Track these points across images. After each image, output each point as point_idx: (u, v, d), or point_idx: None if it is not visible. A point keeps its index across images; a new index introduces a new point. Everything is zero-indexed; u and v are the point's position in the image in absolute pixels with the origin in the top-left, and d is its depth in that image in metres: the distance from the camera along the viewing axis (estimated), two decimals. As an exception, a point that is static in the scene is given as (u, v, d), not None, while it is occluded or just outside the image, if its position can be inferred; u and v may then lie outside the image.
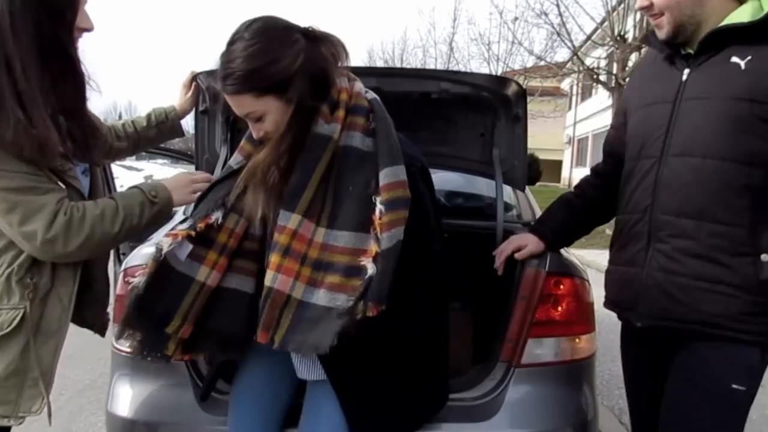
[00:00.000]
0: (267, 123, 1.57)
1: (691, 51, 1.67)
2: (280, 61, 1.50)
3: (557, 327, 2.20)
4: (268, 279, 1.52)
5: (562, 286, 2.17)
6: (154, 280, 1.59)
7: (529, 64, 16.92)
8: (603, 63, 14.53)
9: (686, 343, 1.68)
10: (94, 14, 1.68)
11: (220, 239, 1.64)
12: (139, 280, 1.58)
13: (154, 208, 1.69)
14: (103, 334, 1.93)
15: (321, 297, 1.51)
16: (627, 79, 12.03)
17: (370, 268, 1.48)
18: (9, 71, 1.47)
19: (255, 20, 1.54)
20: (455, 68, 18.48)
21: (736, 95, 1.56)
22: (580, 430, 2.17)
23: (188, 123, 2.79)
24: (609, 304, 1.95)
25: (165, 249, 1.58)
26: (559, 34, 12.78)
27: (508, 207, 2.66)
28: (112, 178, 3.39)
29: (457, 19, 16.63)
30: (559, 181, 36.21)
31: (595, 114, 28.54)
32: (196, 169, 2.96)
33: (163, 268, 1.59)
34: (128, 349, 1.95)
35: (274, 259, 1.52)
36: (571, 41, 12.82)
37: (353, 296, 1.48)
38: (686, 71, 1.67)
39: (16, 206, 1.51)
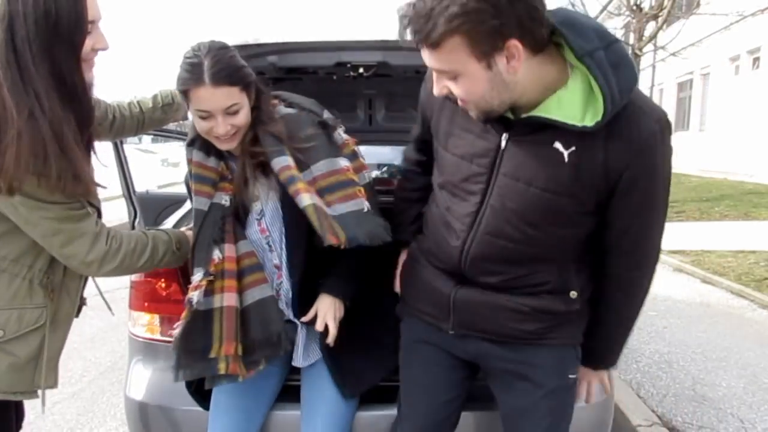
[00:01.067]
0: (241, 116, 1.80)
1: (511, 116, 1.52)
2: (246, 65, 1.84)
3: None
4: (306, 199, 1.79)
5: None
6: (189, 325, 1.84)
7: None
8: (619, 34, 14.28)
9: (512, 347, 1.71)
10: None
11: (219, 267, 1.87)
12: (177, 331, 1.84)
13: (174, 256, 1.88)
14: (78, 315, 1.95)
15: (343, 207, 1.84)
16: (642, 50, 11.83)
17: (359, 179, 1.92)
18: (43, 112, 1.49)
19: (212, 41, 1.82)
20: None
21: (557, 189, 1.50)
22: (594, 410, 2.16)
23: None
24: (416, 311, 1.85)
25: (195, 300, 1.81)
26: (573, 5, 12.53)
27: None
28: (126, 161, 3.41)
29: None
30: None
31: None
32: None
33: (193, 314, 1.84)
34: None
35: (298, 186, 1.80)
36: (585, 11, 12.58)
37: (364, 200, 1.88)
38: (504, 137, 1.54)
39: (59, 232, 1.62)
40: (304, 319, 1.94)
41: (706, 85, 19.03)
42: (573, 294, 1.64)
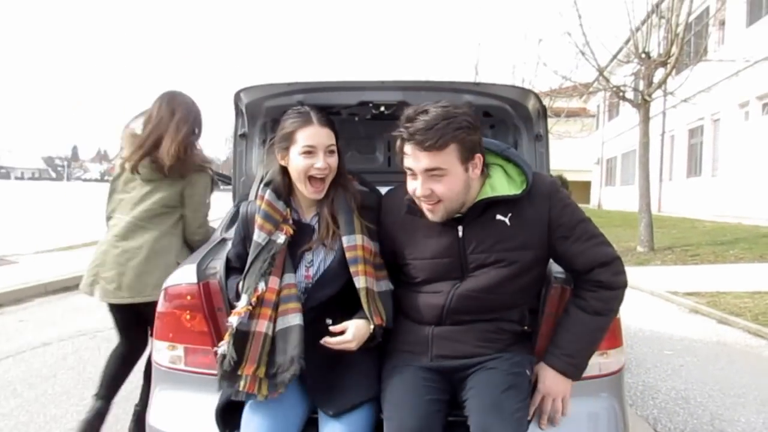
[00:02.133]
0: (334, 159, 2.20)
1: (459, 214, 2.10)
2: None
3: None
4: (362, 282, 2.13)
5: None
6: (233, 345, 2.05)
7: (555, 85, 16.92)
8: (629, 80, 14.48)
9: (479, 358, 2.12)
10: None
11: (261, 297, 2.11)
12: (223, 348, 2.07)
13: None
14: None
15: (384, 285, 2.22)
16: (651, 96, 11.97)
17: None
18: None
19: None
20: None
21: (512, 246, 2.08)
22: None
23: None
24: (397, 350, 2.20)
25: (235, 324, 2.06)
26: (583, 53, 12.76)
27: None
28: None
29: (481, 43, 16.67)
30: (588, 201, 35.90)
31: (622, 134, 28.44)
32: (234, 190, 3.09)
33: (236, 335, 2.06)
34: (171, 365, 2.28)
35: (359, 268, 2.15)
36: (595, 60, 12.80)
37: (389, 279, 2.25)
38: (460, 228, 2.12)
39: (206, 215, 3.09)
40: (333, 328, 2.08)
41: (717, 130, 19.11)
42: (526, 328, 2.20)
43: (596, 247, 2.11)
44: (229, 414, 2.10)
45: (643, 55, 12.26)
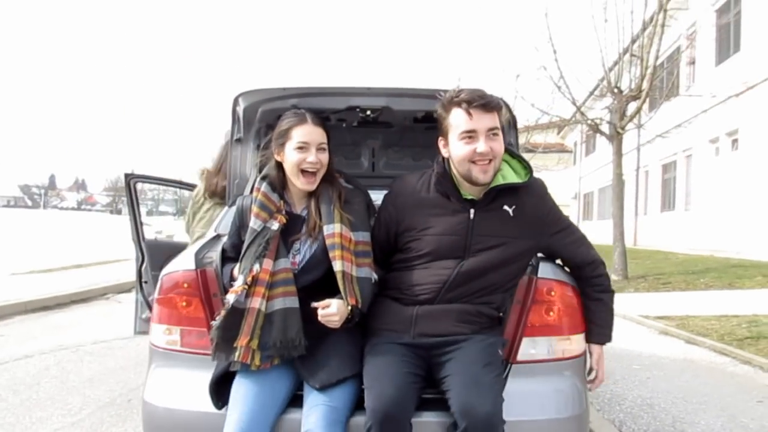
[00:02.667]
0: (325, 155, 2.43)
1: (473, 197, 2.39)
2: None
3: (549, 328, 2.44)
4: (338, 265, 2.30)
5: (553, 292, 2.44)
6: (227, 319, 2.25)
7: (532, 120, 17.28)
8: (604, 113, 14.90)
9: (454, 338, 2.32)
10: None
11: (256, 277, 2.29)
12: (217, 322, 2.25)
13: None
14: None
15: (364, 272, 2.38)
16: (624, 128, 12.37)
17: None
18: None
19: None
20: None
21: (511, 234, 2.37)
22: (571, 421, 2.38)
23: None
24: (380, 330, 2.39)
25: (231, 301, 2.25)
26: (559, 88, 13.14)
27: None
28: (138, 206, 4.38)
29: (461, 79, 17.05)
30: (566, 235, 36.18)
31: (598, 169, 29.00)
32: (228, 191, 3.28)
33: (231, 311, 2.25)
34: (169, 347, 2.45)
35: (336, 253, 2.32)
36: (571, 94, 13.20)
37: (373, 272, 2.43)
38: (472, 211, 2.38)
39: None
40: (317, 304, 2.24)
41: (690, 166, 19.58)
42: (500, 313, 2.43)
43: (581, 245, 2.50)
44: (222, 388, 2.26)
45: (616, 90, 12.70)
